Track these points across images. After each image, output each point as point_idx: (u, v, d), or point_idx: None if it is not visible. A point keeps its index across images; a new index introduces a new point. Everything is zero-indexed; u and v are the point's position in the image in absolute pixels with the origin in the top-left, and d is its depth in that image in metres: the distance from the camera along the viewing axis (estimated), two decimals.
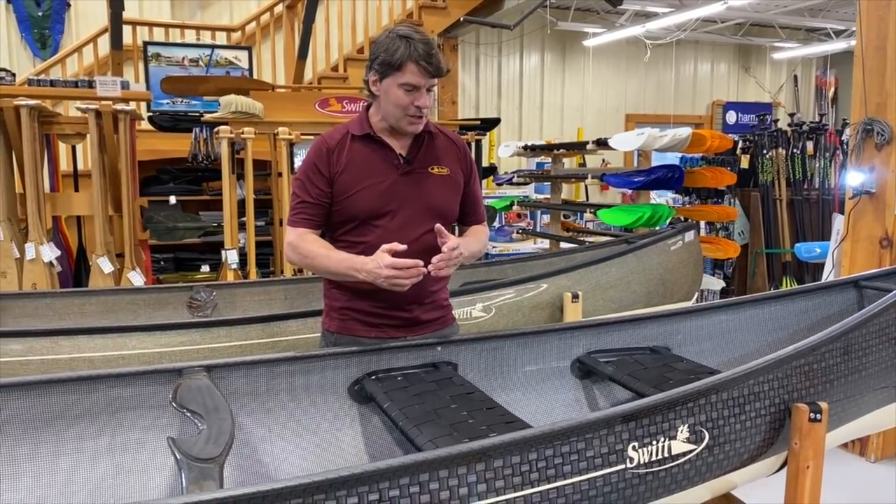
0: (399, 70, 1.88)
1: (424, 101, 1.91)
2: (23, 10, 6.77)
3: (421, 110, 1.93)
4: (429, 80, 1.91)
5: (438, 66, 1.90)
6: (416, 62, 1.86)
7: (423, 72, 1.87)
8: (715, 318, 2.31)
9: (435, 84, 1.95)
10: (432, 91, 1.96)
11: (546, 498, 1.38)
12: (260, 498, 1.16)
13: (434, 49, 1.91)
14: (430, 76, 1.89)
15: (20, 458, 1.75)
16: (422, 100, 1.91)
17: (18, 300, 3.09)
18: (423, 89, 1.90)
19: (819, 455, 1.72)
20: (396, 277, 1.82)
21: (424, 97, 1.91)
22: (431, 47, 1.90)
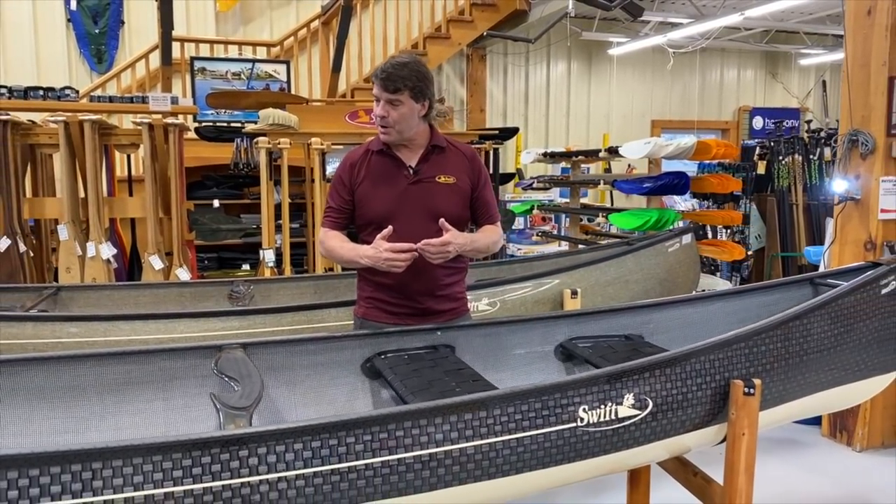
0: (374, 87, 2.27)
1: (381, 112, 2.25)
2: (82, 27, 7.34)
3: (383, 120, 2.26)
4: (385, 94, 2.23)
5: (387, 81, 2.21)
6: (377, 77, 2.23)
7: (380, 85, 2.23)
8: (684, 310, 2.62)
9: (395, 98, 2.23)
10: (398, 107, 2.24)
11: (508, 446, 1.72)
12: (280, 434, 1.52)
13: (393, 69, 2.22)
14: (384, 89, 2.22)
15: (93, 416, 2.15)
16: (379, 111, 2.25)
17: (83, 292, 3.53)
18: (382, 101, 2.24)
19: (753, 424, 2.02)
20: (393, 260, 2.18)
21: (381, 108, 2.25)
22: (391, 67, 2.22)
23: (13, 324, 2.73)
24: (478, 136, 5.75)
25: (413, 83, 2.25)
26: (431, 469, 1.65)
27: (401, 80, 2.22)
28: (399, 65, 2.25)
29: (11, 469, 1.37)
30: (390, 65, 2.25)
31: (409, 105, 2.27)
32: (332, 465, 1.56)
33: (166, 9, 5.50)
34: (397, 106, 2.25)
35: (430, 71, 2.35)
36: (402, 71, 2.24)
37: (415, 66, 2.28)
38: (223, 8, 7.62)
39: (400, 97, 2.24)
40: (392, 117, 2.26)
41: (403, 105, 2.26)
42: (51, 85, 4.98)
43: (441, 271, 2.34)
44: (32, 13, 7.17)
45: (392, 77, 2.22)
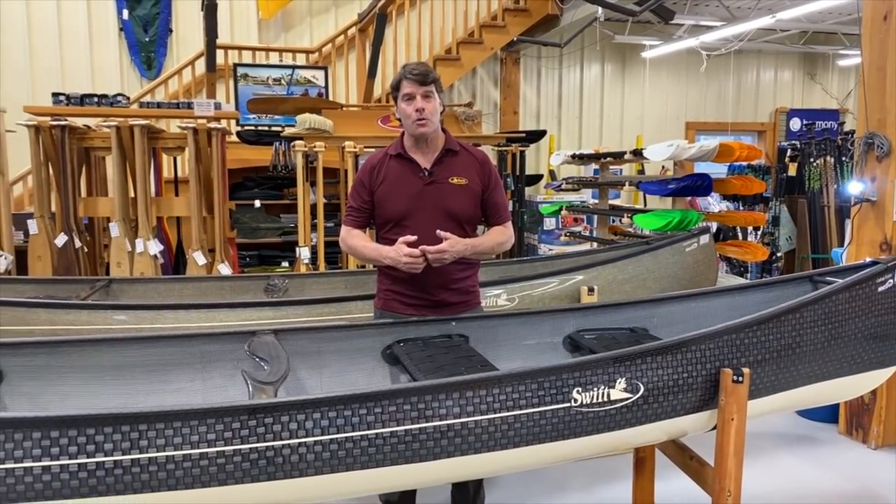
0: (398, 89, 2.48)
1: (421, 105, 2.44)
2: (133, 36, 7.73)
3: (422, 113, 2.45)
4: (420, 87, 2.43)
5: (423, 74, 2.44)
6: (406, 76, 2.44)
7: (412, 81, 2.43)
8: (687, 305, 2.76)
9: (429, 91, 2.45)
10: (431, 98, 2.46)
11: (506, 422, 1.90)
12: (301, 404, 1.73)
13: (421, 67, 2.46)
14: (419, 83, 2.43)
15: (139, 392, 2.39)
16: (419, 104, 2.44)
17: (132, 284, 3.82)
18: (417, 96, 2.44)
19: (742, 410, 2.16)
20: (412, 263, 2.39)
21: (420, 102, 2.44)
22: (419, 65, 2.47)
23: (70, 311, 3.01)
24: (505, 138, 5.92)
25: (438, 78, 2.53)
26: (435, 440, 1.84)
27: (430, 74, 2.48)
28: (420, 64, 2.52)
29: (71, 428, 1.61)
30: (415, 64, 2.50)
31: (437, 99, 2.52)
32: (346, 433, 1.76)
33: (211, 19, 5.81)
34: (430, 98, 2.48)
35: None
36: (427, 67, 2.51)
37: (431, 67, 2.57)
38: (265, 16, 7.93)
39: (432, 88, 2.48)
40: (429, 109, 2.48)
41: (435, 97, 2.50)
42: (104, 91, 5.34)
43: (454, 266, 2.53)
44: (88, 23, 7.59)
45: (424, 72, 2.46)
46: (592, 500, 3.24)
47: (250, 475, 1.71)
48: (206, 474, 1.68)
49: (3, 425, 1.58)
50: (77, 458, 1.60)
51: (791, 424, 4.17)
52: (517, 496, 3.25)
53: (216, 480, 1.69)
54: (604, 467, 3.47)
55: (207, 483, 1.69)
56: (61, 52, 7.52)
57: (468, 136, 5.57)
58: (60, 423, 1.60)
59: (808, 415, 4.19)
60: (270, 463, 1.72)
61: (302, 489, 1.78)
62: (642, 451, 2.79)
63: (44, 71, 7.43)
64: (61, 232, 4.48)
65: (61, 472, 1.61)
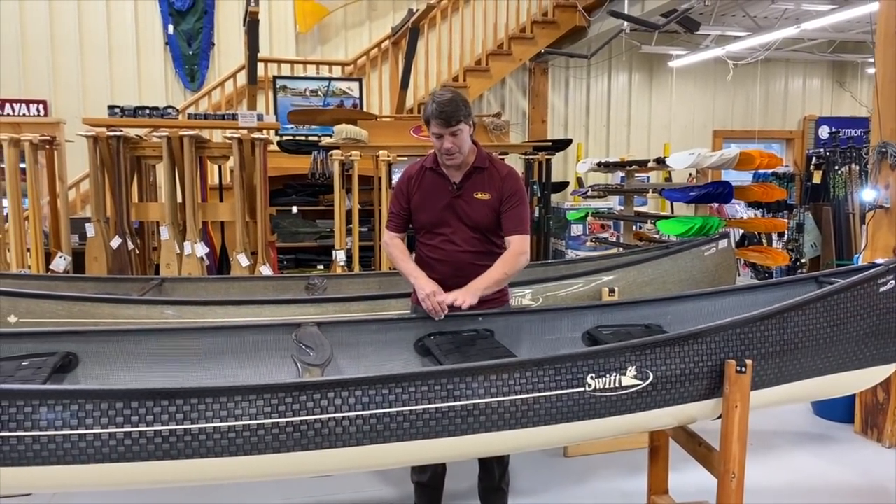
0: (428, 124, 2.68)
1: (447, 145, 2.64)
2: (177, 49, 8.13)
3: (450, 151, 2.66)
4: (448, 128, 2.62)
5: (448, 117, 2.59)
6: (434, 118, 2.62)
7: (439, 124, 2.62)
8: (699, 303, 2.94)
9: (457, 129, 2.62)
10: (459, 134, 2.64)
11: (526, 403, 2.12)
12: (343, 382, 1.97)
13: (447, 106, 2.59)
14: (445, 126, 2.62)
15: (194, 378, 2.65)
16: (446, 144, 2.64)
17: (182, 283, 4.11)
18: (445, 136, 2.64)
19: (745, 399, 2.34)
20: (429, 304, 2.67)
21: (447, 141, 2.64)
22: (444, 105, 2.59)
23: (130, 306, 3.30)
24: (532, 147, 6.13)
25: (464, 111, 2.66)
26: (463, 418, 2.07)
27: (455, 113, 2.62)
28: (447, 101, 2.63)
29: (137, 399, 1.86)
30: (441, 104, 2.62)
31: (465, 130, 2.69)
32: (382, 409, 1.99)
33: (253, 35, 6.13)
34: (458, 135, 2.65)
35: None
36: (452, 106, 2.62)
37: (458, 97, 2.68)
38: (302, 30, 8.27)
39: (459, 127, 2.64)
40: (457, 145, 2.67)
41: (462, 132, 2.67)
42: (150, 102, 5.68)
43: (481, 269, 2.74)
44: (135, 38, 8.00)
45: (451, 114, 2.61)
46: (611, 487, 3.43)
47: (300, 444, 1.95)
48: (262, 443, 1.93)
49: (79, 396, 1.84)
50: (141, 426, 1.86)
51: (808, 423, 4.31)
52: (541, 483, 3.46)
53: (271, 448, 1.94)
54: (623, 460, 3.66)
55: (263, 450, 1.94)
56: (111, 66, 7.94)
57: (496, 144, 5.80)
58: (126, 396, 1.86)
59: (824, 414, 4.33)
60: (317, 434, 1.96)
61: (344, 459, 2.02)
62: (656, 440, 2.98)
63: (95, 84, 7.86)
64: (115, 235, 4.80)
65: (125, 438, 1.86)
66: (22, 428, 1.84)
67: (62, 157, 4.97)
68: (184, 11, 8.01)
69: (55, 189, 4.95)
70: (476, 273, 2.76)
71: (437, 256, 2.84)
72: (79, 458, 1.86)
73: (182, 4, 7.97)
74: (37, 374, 2.31)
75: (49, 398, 1.84)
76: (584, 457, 3.74)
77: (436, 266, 2.86)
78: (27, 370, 2.34)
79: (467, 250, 2.79)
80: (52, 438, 1.84)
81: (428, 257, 2.88)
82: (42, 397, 1.84)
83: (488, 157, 2.85)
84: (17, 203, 4.74)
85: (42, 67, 7.78)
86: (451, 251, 2.80)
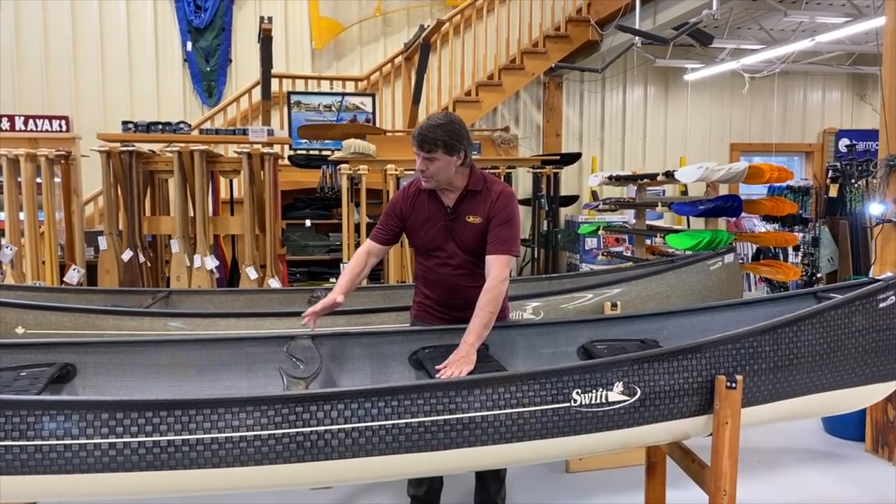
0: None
1: (421, 166, 2.67)
2: (195, 66, 8.28)
3: (423, 173, 2.69)
4: (421, 153, 2.65)
5: (421, 142, 2.62)
6: (413, 138, 2.67)
7: (416, 146, 2.66)
8: (696, 318, 2.92)
9: (431, 156, 2.63)
10: (434, 162, 2.64)
11: (510, 418, 2.12)
12: (327, 396, 1.99)
13: (426, 131, 2.62)
14: (420, 149, 2.65)
15: (192, 389, 2.69)
16: (419, 166, 2.67)
17: (189, 296, 4.17)
18: (421, 158, 2.66)
19: (735, 415, 2.32)
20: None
21: (420, 164, 2.67)
22: (425, 131, 2.63)
23: (134, 318, 3.36)
24: (540, 160, 6.13)
25: (445, 141, 2.63)
26: (445, 432, 2.07)
27: (432, 141, 2.62)
28: (432, 127, 2.65)
29: (137, 410, 1.90)
30: (425, 127, 2.66)
31: (444, 159, 2.66)
32: (366, 423, 2.01)
33: (267, 51, 6.23)
34: (433, 161, 2.66)
35: (463, 126, 2.71)
36: (434, 132, 2.63)
37: (448, 126, 2.65)
38: (318, 46, 8.38)
39: (434, 154, 2.64)
40: (430, 170, 2.68)
41: (439, 160, 2.66)
42: (169, 118, 5.79)
43: (476, 290, 2.69)
44: (155, 55, 8.17)
45: (426, 139, 2.63)
46: (610, 503, 3.40)
47: (296, 455, 1.97)
48: (258, 454, 1.95)
49: (78, 407, 1.88)
50: (140, 437, 1.90)
51: (818, 441, 4.24)
52: (540, 498, 3.44)
53: (268, 459, 1.96)
54: (625, 476, 3.62)
55: (260, 461, 1.96)
56: (131, 82, 8.11)
57: (504, 158, 5.82)
58: (122, 407, 1.90)
59: (835, 432, 4.25)
60: (300, 447, 1.98)
61: (328, 471, 2.03)
62: (653, 456, 2.95)
63: (115, 100, 8.02)
64: (127, 248, 4.89)
65: (124, 448, 1.90)
66: (24, 437, 1.88)
67: (77, 172, 5.08)
68: (202, 28, 8.17)
69: (70, 203, 5.06)
70: (470, 296, 2.69)
71: (432, 278, 2.86)
72: (79, 468, 1.89)
73: (200, 22, 8.12)
74: (33, 385, 2.36)
75: (46, 409, 1.89)
76: (586, 472, 3.71)
77: (432, 286, 2.87)
78: (24, 380, 2.39)
79: (462, 273, 2.79)
80: (53, 448, 1.88)
81: (424, 277, 2.90)
82: (37, 408, 1.88)
83: (483, 179, 2.80)
84: (33, 216, 4.86)
85: (64, 84, 7.97)
86: (445, 274, 2.80)
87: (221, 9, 8.21)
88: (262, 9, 8.15)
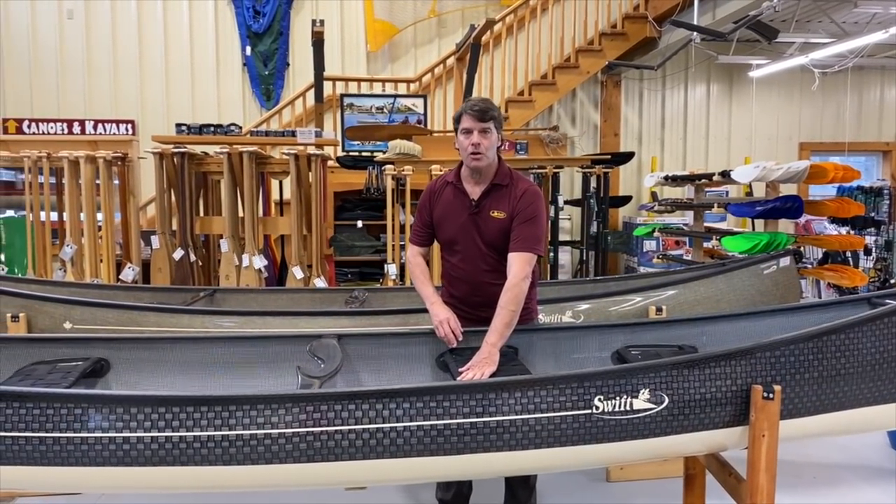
0: (459, 122, 2.64)
1: (477, 140, 2.59)
2: (254, 70, 8.46)
3: (477, 147, 2.60)
4: (478, 124, 2.58)
5: (482, 111, 2.57)
6: (467, 111, 2.60)
7: (472, 117, 2.59)
8: (738, 324, 2.77)
9: (487, 128, 2.58)
10: (488, 135, 2.59)
11: (527, 423, 2.04)
12: (337, 396, 1.96)
13: (482, 102, 2.60)
14: (478, 119, 2.58)
15: (220, 388, 2.71)
16: (474, 139, 2.59)
17: (233, 294, 4.24)
18: (475, 132, 2.59)
19: (773, 427, 2.17)
20: (441, 332, 2.64)
21: (477, 137, 2.59)
22: (479, 102, 2.61)
23: (174, 315, 3.43)
24: (590, 160, 5.99)
25: (497, 115, 2.65)
26: (458, 437, 2.01)
27: (490, 112, 2.61)
28: (483, 100, 2.65)
29: (163, 406, 1.92)
30: (477, 101, 2.65)
31: (494, 135, 2.65)
32: (377, 424, 1.97)
33: (318, 54, 6.31)
34: (488, 135, 2.61)
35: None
36: (488, 104, 2.63)
37: (493, 103, 2.68)
38: (373, 48, 8.45)
39: (490, 125, 2.61)
40: (484, 145, 2.61)
41: (493, 134, 2.63)
42: (228, 120, 5.92)
43: (500, 288, 2.64)
44: (216, 60, 8.40)
45: (484, 109, 2.60)
46: None
47: (292, 457, 1.95)
48: (269, 452, 1.94)
49: (110, 401, 1.92)
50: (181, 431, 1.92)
51: (882, 457, 3.98)
52: None
53: (277, 459, 1.95)
54: (668, 487, 3.48)
55: (270, 460, 1.95)
56: (193, 87, 8.36)
57: (552, 158, 5.70)
58: (137, 402, 1.92)
59: None
60: (310, 446, 1.95)
61: (348, 472, 2.00)
62: (691, 468, 2.81)
63: (178, 104, 8.29)
64: (179, 247, 5.02)
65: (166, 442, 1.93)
66: (44, 430, 1.92)
67: (134, 174, 5.25)
68: (260, 33, 8.34)
69: (127, 203, 5.23)
70: (494, 293, 2.65)
71: (455, 274, 2.81)
72: (124, 461, 1.92)
73: (259, 26, 8.30)
74: (65, 378, 2.43)
75: (65, 402, 1.92)
76: (627, 482, 3.58)
77: (455, 283, 2.82)
78: (57, 374, 2.46)
79: (485, 270, 2.72)
80: (99, 441, 1.91)
81: (448, 274, 2.86)
82: (57, 400, 1.92)
83: (510, 174, 2.75)
84: (92, 217, 5.04)
85: (131, 90, 8.28)
86: (468, 270, 2.75)
87: (279, 13, 8.37)
88: (319, 12, 8.27)
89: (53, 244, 5.22)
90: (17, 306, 3.43)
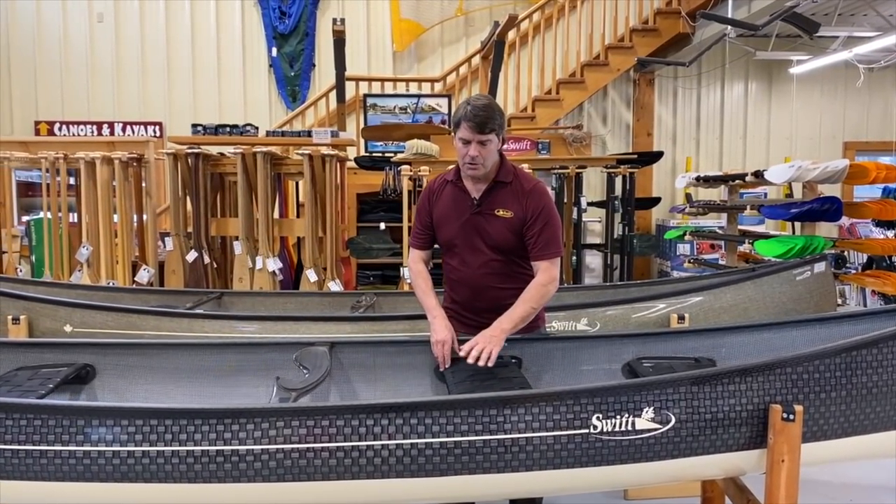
0: (458, 127, 2.45)
1: (472, 153, 2.41)
2: (280, 71, 8.43)
3: (474, 159, 2.43)
4: (477, 135, 2.39)
5: (481, 123, 2.37)
6: (467, 121, 2.39)
7: (471, 128, 2.40)
8: (759, 336, 2.55)
9: (487, 138, 2.40)
10: (487, 145, 2.42)
11: (517, 444, 1.87)
12: (310, 411, 1.82)
13: (483, 111, 2.38)
14: (477, 131, 2.39)
15: (212, 396, 2.60)
16: (471, 152, 2.41)
17: (241, 297, 4.14)
18: (473, 143, 2.42)
19: (794, 451, 1.96)
20: (437, 353, 2.48)
21: (473, 149, 2.41)
22: (480, 110, 2.38)
23: (174, 319, 3.33)
24: (615, 160, 5.76)
25: (498, 122, 2.44)
26: (441, 457, 1.85)
27: (490, 121, 2.40)
28: (485, 107, 2.41)
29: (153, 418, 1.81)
30: (478, 108, 2.41)
31: (495, 142, 2.47)
32: (352, 442, 1.82)
33: (340, 54, 6.21)
34: (487, 145, 2.43)
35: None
36: (489, 112, 2.41)
37: (495, 105, 2.46)
38: (399, 48, 8.33)
39: (490, 136, 2.43)
40: (482, 156, 2.44)
41: (492, 143, 2.45)
42: (254, 121, 5.86)
43: (504, 292, 2.51)
44: (242, 61, 8.39)
45: (483, 119, 2.39)
46: None
47: (261, 475, 1.82)
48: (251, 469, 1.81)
49: (96, 413, 1.82)
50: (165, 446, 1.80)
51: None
52: None
53: (260, 476, 1.82)
54: None
55: (252, 478, 1.82)
56: (219, 88, 8.36)
57: (574, 158, 5.50)
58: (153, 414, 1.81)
59: None
60: (280, 465, 1.82)
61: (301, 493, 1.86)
62: (709, 491, 2.61)
63: (205, 106, 8.30)
64: (192, 249, 4.95)
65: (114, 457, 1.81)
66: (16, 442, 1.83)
67: (150, 175, 5.21)
68: (286, 34, 8.30)
69: (142, 204, 5.19)
70: (497, 297, 2.52)
71: (456, 277, 2.64)
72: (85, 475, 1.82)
73: (285, 28, 8.26)
74: (43, 385, 2.34)
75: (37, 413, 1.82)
76: (645, 500, 3.37)
77: (456, 287, 2.66)
78: (36, 380, 2.37)
79: (487, 273, 2.55)
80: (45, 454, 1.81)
81: (449, 277, 2.70)
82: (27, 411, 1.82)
83: (513, 171, 2.59)
84: (108, 218, 5.01)
85: (159, 92, 8.31)
86: (469, 273, 2.58)
87: (305, 14, 8.32)
88: (345, 12, 8.19)
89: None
90: (20, 308, 3.38)
